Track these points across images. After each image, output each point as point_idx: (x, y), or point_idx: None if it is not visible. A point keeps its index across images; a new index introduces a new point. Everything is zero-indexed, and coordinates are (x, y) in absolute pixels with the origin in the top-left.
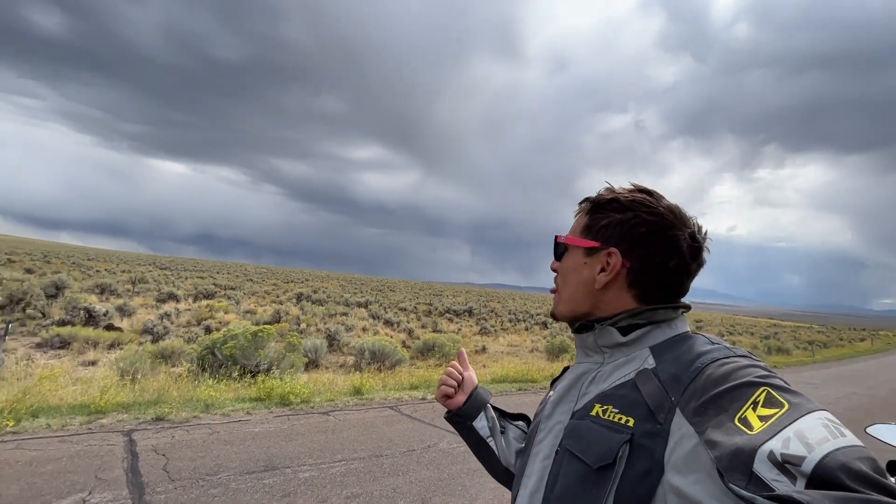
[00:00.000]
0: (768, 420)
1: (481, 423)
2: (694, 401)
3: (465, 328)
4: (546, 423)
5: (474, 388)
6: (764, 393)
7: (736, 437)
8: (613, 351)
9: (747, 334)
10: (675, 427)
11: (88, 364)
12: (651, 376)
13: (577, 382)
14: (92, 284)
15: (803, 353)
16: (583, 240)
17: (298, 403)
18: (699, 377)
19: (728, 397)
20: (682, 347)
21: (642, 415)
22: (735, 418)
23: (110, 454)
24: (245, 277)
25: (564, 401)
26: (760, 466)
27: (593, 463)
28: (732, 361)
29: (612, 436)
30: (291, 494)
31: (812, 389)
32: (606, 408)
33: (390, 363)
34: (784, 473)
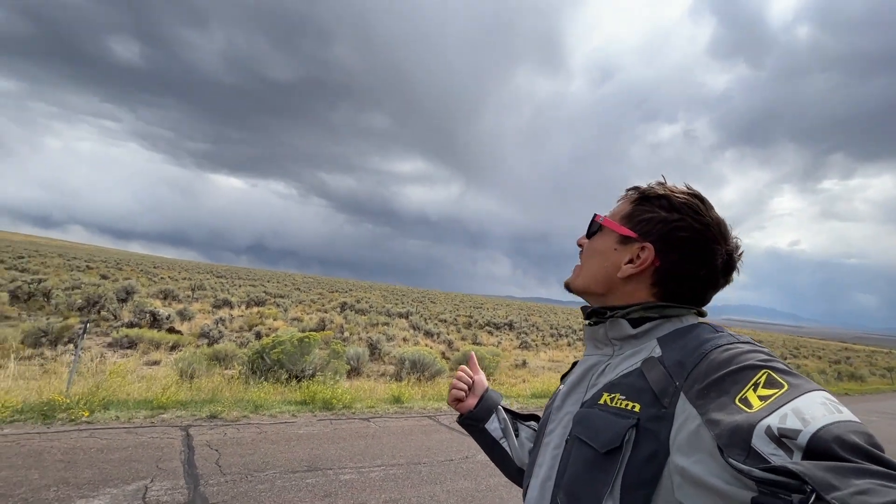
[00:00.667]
0: (767, 399)
1: (493, 425)
2: (697, 384)
3: (506, 341)
4: (556, 415)
5: (485, 391)
6: (765, 375)
7: (736, 415)
8: (623, 343)
9: (814, 357)
10: (679, 410)
11: (152, 363)
12: (656, 363)
13: (586, 374)
14: (157, 290)
15: (881, 381)
16: (621, 226)
17: (341, 408)
18: (702, 362)
19: (730, 380)
20: (687, 336)
21: (648, 400)
22: (736, 399)
23: (170, 447)
24: (293, 286)
25: (574, 392)
26: (758, 441)
27: (601, 447)
28: (735, 347)
29: (619, 421)
30: (332, 495)
31: (891, 421)
32: (614, 395)
33: (429, 374)
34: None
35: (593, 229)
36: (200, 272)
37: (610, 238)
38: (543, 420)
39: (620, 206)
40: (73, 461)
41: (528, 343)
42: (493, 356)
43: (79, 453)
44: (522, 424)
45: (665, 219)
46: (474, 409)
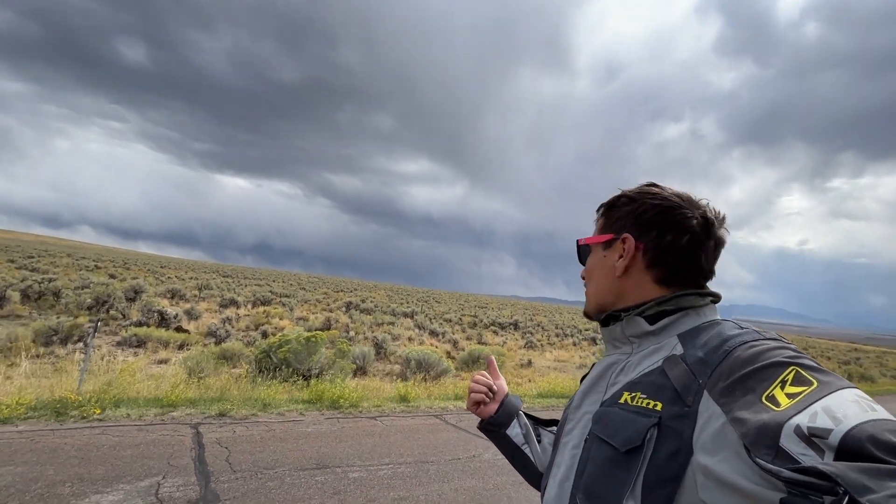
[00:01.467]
0: (796, 397)
1: (515, 430)
2: (721, 382)
3: (511, 341)
4: (575, 414)
5: (505, 397)
6: (793, 372)
7: (763, 413)
8: (642, 340)
9: (823, 358)
10: (702, 408)
11: (161, 362)
12: (678, 361)
13: (605, 373)
14: (164, 290)
15: (891, 382)
16: (599, 236)
17: (348, 407)
18: (727, 359)
19: (756, 377)
20: (710, 333)
21: (670, 398)
22: (763, 397)
23: (180, 444)
24: (298, 286)
25: (593, 391)
26: (787, 441)
27: (621, 446)
28: (761, 344)
29: (639, 420)
30: (342, 493)
31: None
32: (635, 394)
33: (435, 373)
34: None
35: (584, 254)
36: (207, 272)
37: (597, 251)
38: (562, 421)
39: (596, 226)
40: (87, 457)
41: (533, 343)
42: (498, 356)
43: (92, 450)
44: (544, 430)
45: (629, 210)
46: (495, 415)
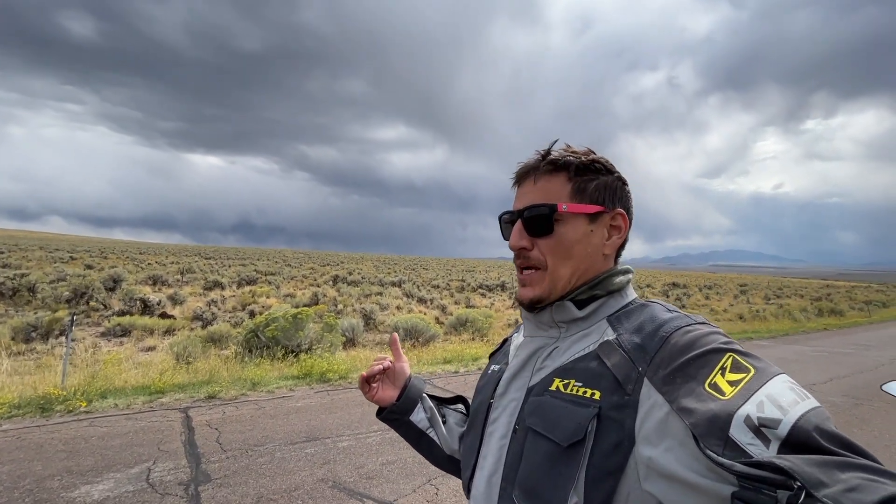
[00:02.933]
0: (738, 385)
1: (419, 415)
2: (661, 370)
3: (498, 302)
4: (500, 402)
5: (408, 380)
6: (730, 359)
7: (710, 402)
8: (570, 325)
9: (797, 296)
10: (643, 397)
11: (147, 349)
12: (615, 347)
13: (531, 358)
14: (145, 276)
15: (859, 314)
16: (589, 206)
17: (337, 380)
18: (665, 346)
19: (695, 364)
20: (641, 316)
21: (609, 387)
22: (705, 384)
23: (170, 429)
24: (284, 263)
25: (518, 377)
26: (736, 431)
27: (563, 441)
28: (695, 329)
29: (578, 410)
30: (331, 462)
31: (864, 351)
32: (568, 382)
33: (424, 339)
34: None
35: (545, 223)
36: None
37: (579, 222)
38: (479, 407)
39: (553, 185)
40: (75, 450)
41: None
42: (486, 317)
43: (80, 442)
44: (449, 409)
45: (608, 181)
46: (398, 402)
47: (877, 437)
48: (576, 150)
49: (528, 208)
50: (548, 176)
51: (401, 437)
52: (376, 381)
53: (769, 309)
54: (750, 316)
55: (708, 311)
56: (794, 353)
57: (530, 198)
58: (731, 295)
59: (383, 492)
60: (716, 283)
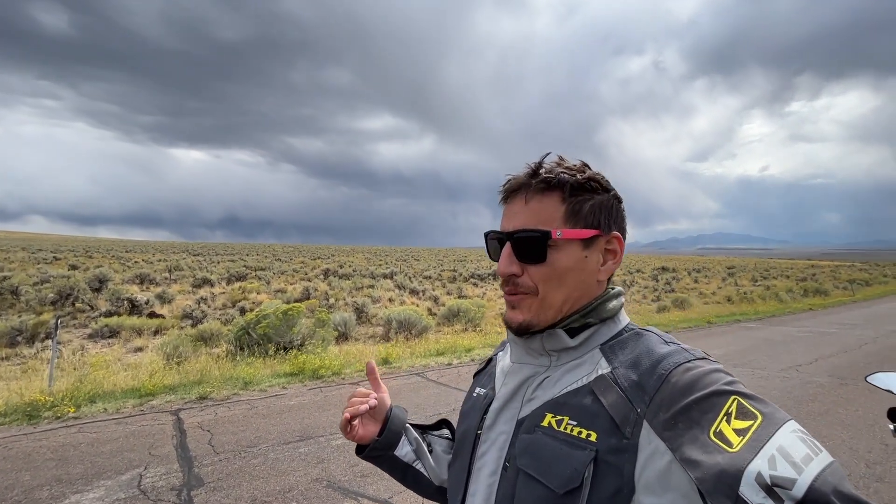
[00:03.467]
0: (745, 434)
1: (404, 449)
2: (662, 413)
3: (490, 292)
4: (489, 434)
5: (388, 411)
6: (735, 402)
7: (717, 455)
8: (561, 354)
9: (783, 277)
10: (643, 441)
11: (136, 350)
12: (610, 384)
13: (520, 388)
14: (132, 275)
15: (843, 293)
16: (584, 230)
17: (330, 376)
18: (664, 385)
19: (699, 408)
20: (637, 348)
21: (606, 428)
22: (710, 432)
23: (161, 432)
24: (274, 257)
25: (507, 408)
26: (747, 490)
27: (558, 488)
28: (696, 367)
29: (573, 454)
30: (325, 461)
31: (849, 330)
32: (562, 419)
33: (417, 331)
34: (770, 496)
35: (539, 249)
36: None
37: (574, 248)
38: (464, 436)
39: (545, 206)
40: (64, 458)
41: None
42: (479, 307)
43: (69, 450)
44: (434, 436)
45: (604, 201)
46: (381, 437)
47: (861, 417)
48: (569, 165)
49: (519, 232)
50: (540, 196)
51: (385, 472)
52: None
53: (756, 290)
54: (738, 298)
55: (697, 294)
56: (780, 335)
57: (521, 219)
58: (720, 278)
59: (378, 489)
60: (704, 267)
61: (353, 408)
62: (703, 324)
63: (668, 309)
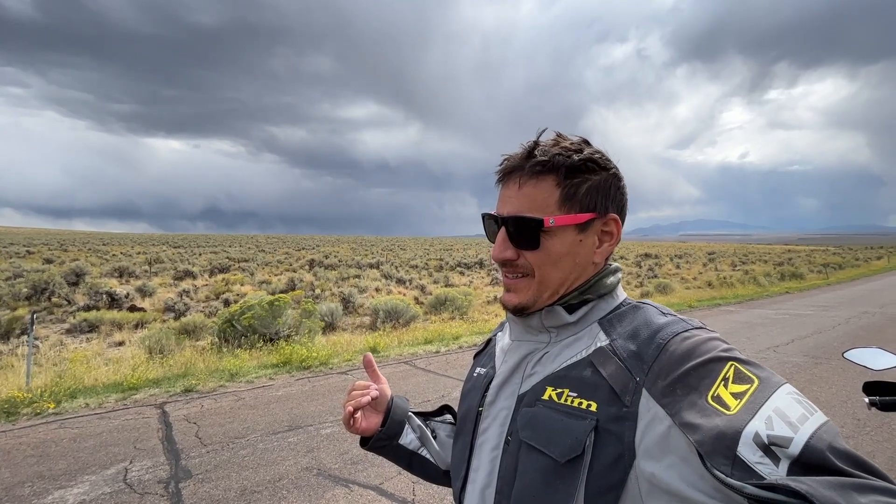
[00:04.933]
0: (742, 398)
1: (408, 437)
2: (661, 380)
3: (477, 280)
4: (490, 410)
5: (390, 402)
6: (732, 368)
7: (715, 418)
8: (560, 330)
9: (760, 262)
10: (643, 409)
11: (117, 345)
12: (609, 355)
13: (520, 364)
14: (110, 269)
15: (817, 277)
16: (578, 215)
17: (318, 366)
18: (662, 354)
19: (696, 374)
20: (634, 320)
21: (605, 398)
22: (708, 396)
23: (146, 426)
24: (257, 249)
25: (508, 384)
26: (745, 450)
27: (560, 457)
28: (693, 335)
29: (574, 424)
30: (315, 450)
31: (823, 312)
32: (562, 391)
33: (404, 320)
34: (768, 455)
35: (529, 237)
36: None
37: (569, 233)
38: (466, 414)
39: (538, 193)
40: (46, 454)
41: (498, 279)
42: (465, 296)
43: (50, 446)
44: (437, 422)
45: (601, 182)
46: (384, 427)
47: (835, 395)
48: (566, 145)
49: (512, 219)
50: (534, 180)
51: (391, 461)
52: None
53: (735, 275)
54: (718, 283)
55: (679, 280)
56: (758, 317)
57: (514, 205)
58: (701, 263)
59: (369, 476)
60: (686, 252)
61: (355, 400)
62: (686, 308)
63: (651, 294)
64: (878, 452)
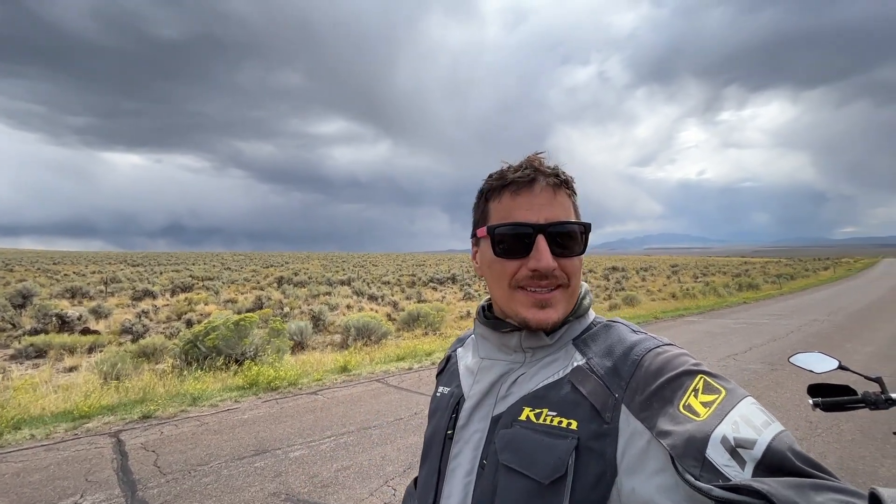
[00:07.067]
0: (711, 406)
1: None
2: (638, 395)
3: (450, 295)
4: (462, 434)
5: None
6: (701, 380)
7: (686, 424)
8: (536, 351)
9: (720, 274)
10: (623, 424)
11: (68, 370)
12: (588, 373)
13: (494, 385)
14: (61, 289)
15: (772, 287)
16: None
17: (286, 387)
18: (638, 370)
19: (669, 387)
20: (608, 338)
21: (586, 415)
22: (680, 405)
23: (99, 457)
24: (223, 266)
25: (481, 406)
26: (713, 451)
27: (543, 478)
28: (665, 350)
29: (556, 443)
30: (283, 474)
31: (777, 321)
32: (540, 411)
33: (376, 337)
34: (734, 458)
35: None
36: (112, 263)
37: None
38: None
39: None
40: None
41: (471, 294)
42: (438, 311)
43: None
44: None
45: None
46: None
47: (790, 399)
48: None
49: (560, 224)
50: (561, 189)
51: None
52: None
53: (697, 287)
54: (681, 294)
55: (645, 292)
56: (719, 327)
57: (554, 211)
58: (665, 276)
59: (339, 499)
60: (651, 265)
61: None
62: (651, 319)
63: (619, 307)
64: (829, 453)
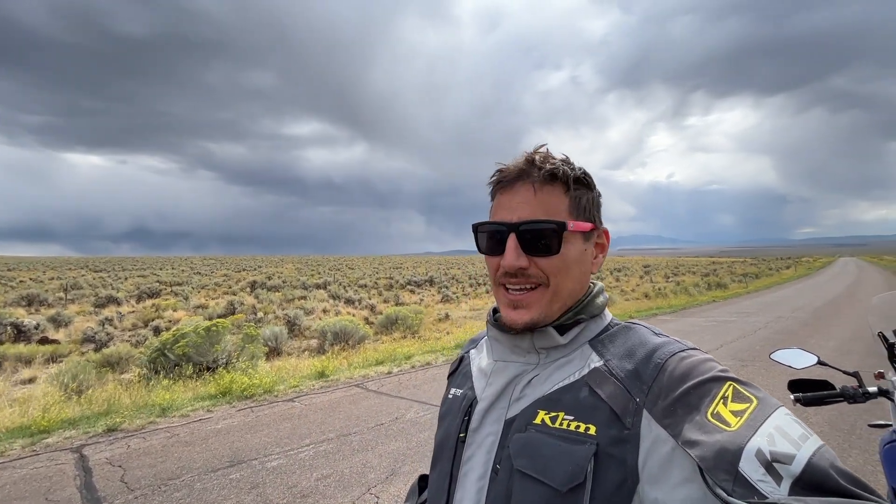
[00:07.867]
0: (742, 415)
1: None
2: (661, 400)
3: (427, 298)
4: (474, 437)
5: None
6: (731, 388)
7: (716, 434)
8: (550, 352)
9: (690, 273)
10: (644, 430)
11: (25, 382)
12: (606, 376)
13: (507, 387)
14: (16, 297)
15: (738, 286)
16: (586, 223)
17: (262, 394)
18: (661, 373)
19: (696, 393)
20: (628, 340)
21: (605, 420)
22: (708, 414)
23: (60, 474)
24: (192, 271)
25: (494, 408)
26: (747, 465)
27: (561, 486)
28: (690, 355)
29: (574, 449)
30: (260, 485)
31: (745, 318)
32: (556, 415)
33: (354, 341)
34: (770, 473)
35: (550, 242)
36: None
37: (578, 240)
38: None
39: (552, 199)
40: None
41: (449, 296)
42: (416, 314)
43: None
44: None
45: (594, 196)
46: None
47: None
48: (562, 158)
49: (531, 223)
50: (548, 186)
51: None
52: None
53: (668, 286)
54: (654, 294)
55: (619, 292)
56: (690, 325)
57: (529, 210)
58: (638, 276)
59: None
60: (624, 266)
61: None
62: (627, 319)
63: None
64: None
